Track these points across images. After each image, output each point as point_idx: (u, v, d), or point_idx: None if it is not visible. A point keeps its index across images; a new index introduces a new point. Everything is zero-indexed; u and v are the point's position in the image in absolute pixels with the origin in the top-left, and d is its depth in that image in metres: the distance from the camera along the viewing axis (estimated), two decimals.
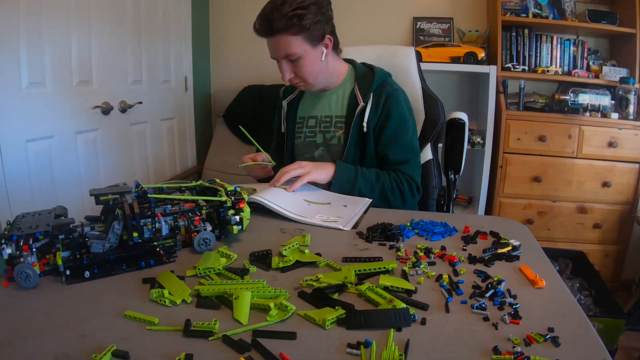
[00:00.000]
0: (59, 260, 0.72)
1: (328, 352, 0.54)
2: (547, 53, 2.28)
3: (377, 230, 0.94)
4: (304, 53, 1.11)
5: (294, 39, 1.08)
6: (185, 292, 0.67)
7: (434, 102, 1.43)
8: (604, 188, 2.14)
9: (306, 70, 1.13)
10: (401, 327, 0.59)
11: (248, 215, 0.89)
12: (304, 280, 0.71)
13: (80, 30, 1.66)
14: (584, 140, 2.10)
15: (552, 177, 2.15)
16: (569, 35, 2.31)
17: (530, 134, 2.12)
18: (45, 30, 1.50)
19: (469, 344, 0.56)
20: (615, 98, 2.11)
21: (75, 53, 1.65)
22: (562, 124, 2.10)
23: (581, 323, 0.62)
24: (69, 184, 1.64)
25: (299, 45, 1.09)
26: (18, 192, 1.43)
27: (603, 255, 2.24)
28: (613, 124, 2.08)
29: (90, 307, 0.64)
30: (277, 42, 1.10)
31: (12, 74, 1.41)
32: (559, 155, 2.13)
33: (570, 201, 2.19)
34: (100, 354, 0.52)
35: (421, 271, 0.76)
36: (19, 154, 1.44)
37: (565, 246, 2.22)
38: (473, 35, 2.29)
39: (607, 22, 2.11)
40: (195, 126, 2.53)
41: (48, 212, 0.85)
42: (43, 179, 1.54)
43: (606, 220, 2.19)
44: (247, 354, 0.53)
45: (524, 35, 2.24)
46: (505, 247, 0.88)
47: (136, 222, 0.77)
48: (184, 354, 0.52)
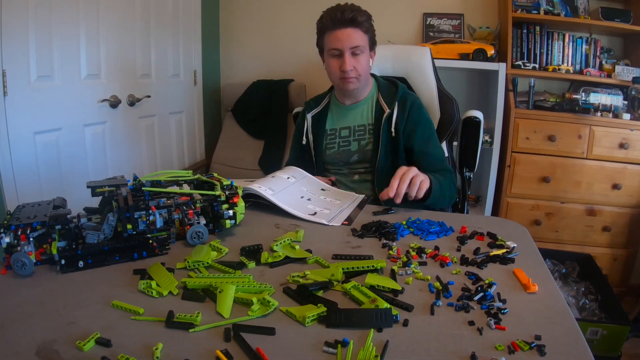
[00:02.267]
0: (54, 250, 0.74)
1: (305, 350, 0.54)
2: (559, 51, 2.22)
3: (371, 228, 0.94)
4: (365, 50, 1.26)
5: (363, 36, 1.25)
6: (173, 284, 0.68)
7: (449, 101, 1.47)
8: (614, 190, 2.09)
9: (364, 65, 1.27)
10: (382, 328, 0.58)
11: (242, 210, 0.90)
12: (290, 276, 0.72)
13: (89, 24, 1.68)
14: (595, 141, 2.05)
15: (560, 178, 2.11)
16: (581, 33, 2.25)
17: (539, 134, 2.08)
18: (54, 24, 1.53)
19: (449, 349, 0.55)
20: (628, 98, 2.05)
21: (83, 47, 1.67)
22: (573, 124, 2.05)
23: (572, 332, 0.60)
24: (76, 176, 1.67)
25: (365, 41, 1.26)
26: (26, 183, 1.47)
27: (612, 259, 2.19)
28: (625, 124, 2.02)
29: (81, 296, 0.66)
30: (352, 33, 1.23)
31: (21, 67, 1.44)
32: (568, 156, 2.09)
33: (579, 203, 2.14)
34: (85, 340, 0.54)
35: (411, 271, 0.75)
36: (27, 146, 1.48)
37: (573, 249, 2.17)
38: (484, 32, 2.25)
39: (621, 20, 2.04)
40: (204, 120, 2.55)
41: (47, 203, 0.87)
42: (51, 170, 1.58)
43: (615, 223, 2.13)
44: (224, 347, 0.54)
45: (535, 32, 2.19)
46: (501, 249, 0.86)
47: (130, 215, 0.79)
48: (161, 345, 0.53)
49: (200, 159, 2.54)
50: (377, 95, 1.36)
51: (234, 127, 2.52)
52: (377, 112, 1.33)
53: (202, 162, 2.52)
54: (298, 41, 2.56)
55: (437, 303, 0.65)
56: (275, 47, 2.64)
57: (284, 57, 2.62)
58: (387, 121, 1.30)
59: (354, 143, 1.36)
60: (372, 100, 1.36)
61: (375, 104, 1.35)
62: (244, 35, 2.68)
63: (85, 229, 0.79)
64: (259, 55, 2.68)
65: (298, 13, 2.54)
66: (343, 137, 1.38)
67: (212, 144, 2.58)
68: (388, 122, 1.30)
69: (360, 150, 1.35)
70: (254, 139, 2.47)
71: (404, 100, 1.32)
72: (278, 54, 2.63)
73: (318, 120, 1.41)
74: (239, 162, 2.43)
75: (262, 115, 2.44)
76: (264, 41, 2.65)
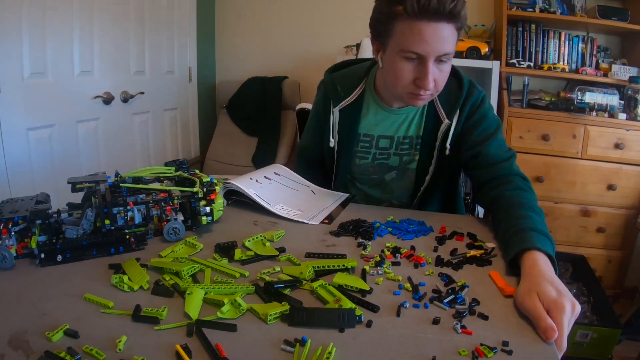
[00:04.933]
0: (34, 244, 0.76)
1: (264, 347, 0.55)
2: (555, 49, 2.21)
3: (349, 226, 0.94)
4: (452, 56, 0.89)
5: (455, 35, 0.86)
6: (144, 278, 0.69)
7: None
8: (609, 191, 2.08)
9: (446, 78, 0.91)
10: (344, 328, 0.58)
11: (220, 207, 0.90)
12: (260, 273, 0.72)
13: (82, 21, 1.70)
14: (590, 140, 2.04)
15: (554, 178, 2.10)
16: (578, 32, 2.24)
17: (533, 133, 2.07)
18: (47, 21, 1.54)
19: (411, 352, 0.54)
20: (624, 98, 2.04)
21: (77, 43, 1.69)
22: (567, 123, 2.04)
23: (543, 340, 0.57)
24: (69, 173, 1.65)
25: (455, 42, 0.87)
26: (19, 179, 1.49)
27: (606, 261, 2.18)
28: (621, 124, 2.01)
29: (57, 289, 0.68)
30: (444, 31, 0.82)
31: (15, 64, 1.45)
32: (562, 156, 2.08)
33: (573, 203, 2.13)
34: (54, 331, 0.55)
35: (382, 271, 0.75)
36: (20, 142, 1.50)
37: (567, 249, 2.17)
38: (479, 30, 2.23)
39: (618, 19, 2.02)
40: (198, 117, 2.57)
41: (30, 198, 0.89)
42: (43, 167, 1.60)
43: (610, 224, 2.12)
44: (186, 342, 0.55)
45: (530, 30, 2.18)
46: (479, 250, 0.84)
47: (108, 210, 0.80)
48: (125, 338, 0.55)
49: (195, 156, 2.55)
50: (434, 99, 1.02)
51: (228, 124, 2.53)
52: (430, 120, 1.03)
53: (197, 158, 2.54)
54: (292, 38, 2.57)
55: (404, 304, 0.65)
56: (269, 44, 2.64)
57: (278, 54, 2.62)
58: (444, 135, 1.01)
59: (395, 158, 1.08)
60: (425, 105, 1.04)
61: (429, 110, 1.03)
62: (240, 31, 2.68)
63: (65, 224, 0.81)
64: (253, 52, 2.68)
65: (293, 10, 2.54)
66: (382, 147, 1.08)
67: (206, 141, 2.60)
68: (445, 135, 1.01)
69: (401, 166, 1.08)
70: (248, 135, 2.48)
71: (465, 104, 1.00)
72: (272, 51, 2.64)
73: (347, 116, 1.07)
74: (233, 159, 2.44)
75: (256, 112, 2.45)
76: (259, 38, 2.65)
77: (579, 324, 1.72)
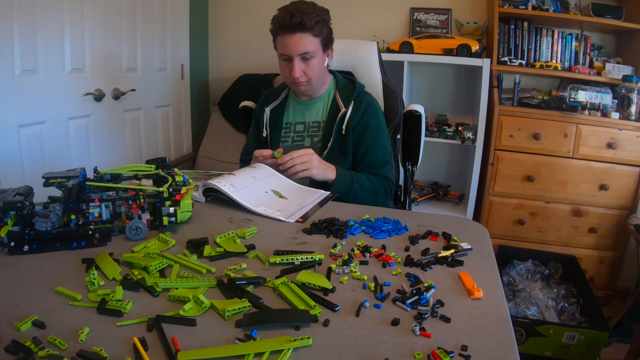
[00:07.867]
0: (3, 233, 0.78)
1: (219, 342, 0.56)
2: (548, 47, 2.19)
3: (322, 225, 0.94)
4: (316, 54, 1.25)
5: (314, 40, 1.23)
6: (116, 270, 0.71)
7: (393, 95, 1.50)
8: (601, 191, 2.06)
9: (315, 70, 1.26)
10: (299, 327, 0.58)
11: (188, 208, 0.91)
12: (227, 269, 0.73)
13: (73, 18, 1.70)
14: (582, 140, 2.02)
15: (545, 177, 2.09)
16: (571, 30, 2.21)
17: (523, 131, 2.06)
18: (38, 18, 1.55)
19: (364, 353, 0.54)
20: (618, 97, 2.02)
21: (68, 41, 1.69)
22: (558, 122, 2.02)
23: (505, 344, 0.56)
24: (59, 169, 1.69)
25: (316, 46, 1.24)
26: (10, 176, 1.50)
27: (598, 262, 2.16)
28: (613, 124, 1.99)
29: (31, 282, 0.70)
30: (300, 39, 1.21)
31: (5, 61, 1.46)
32: (553, 155, 2.06)
33: (564, 203, 2.12)
34: (22, 322, 0.58)
35: (348, 270, 0.75)
36: (11, 139, 1.51)
37: (558, 249, 2.15)
38: (471, 27, 2.22)
39: (613, 17, 2.00)
40: (191, 114, 2.58)
41: (12, 190, 0.91)
42: (34, 163, 1.61)
43: (602, 224, 2.11)
44: (145, 335, 0.56)
45: (523, 28, 2.16)
46: (452, 250, 0.84)
47: (74, 205, 0.82)
48: (87, 329, 0.57)
49: (187, 152, 2.56)
50: (334, 93, 1.36)
51: (220, 121, 2.54)
52: (332, 109, 1.34)
53: (189, 155, 2.55)
54: None
55: (364, 304, 0.64)
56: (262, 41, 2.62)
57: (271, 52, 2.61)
58: (341, 119, 1.31)
59: (307, 139, 1.37)
60: (329, 98, 1.37)
61: (332, 102, 1.35)
62: (232, 29, 2.68)
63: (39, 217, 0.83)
64: (246, 50, 2.68)
65: None
66: (298, 132, 1.39)
67: (199, 138, 2.61)
68: (342, 120, 1.30)
69: (312, 146, 1.35)
70: (240, 133, 2.49)
71: (360, 100, 1.33)
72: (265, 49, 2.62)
73: (275, 114, 1.41)
74: (225, 156, 2.45)
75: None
76: (252, 35, 2.65)
77: (565, 325, 1.71)
